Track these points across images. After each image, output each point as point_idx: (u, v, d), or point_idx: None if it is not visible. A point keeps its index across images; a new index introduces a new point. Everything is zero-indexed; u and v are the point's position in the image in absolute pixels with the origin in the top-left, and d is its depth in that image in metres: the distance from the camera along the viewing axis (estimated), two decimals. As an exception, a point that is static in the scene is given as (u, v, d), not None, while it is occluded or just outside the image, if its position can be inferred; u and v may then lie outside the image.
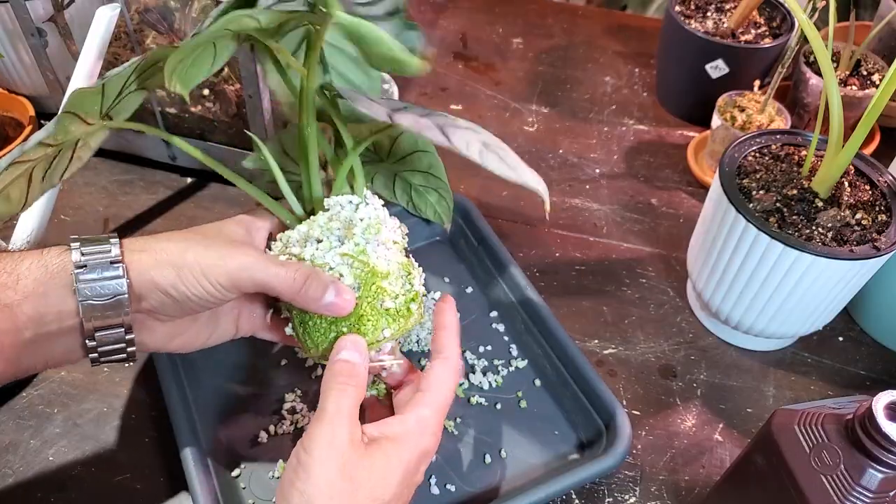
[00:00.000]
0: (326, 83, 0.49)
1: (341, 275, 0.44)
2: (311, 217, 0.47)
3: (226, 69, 0.70)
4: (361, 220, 0.46)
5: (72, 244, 0.41)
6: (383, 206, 0.49)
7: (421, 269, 0.49)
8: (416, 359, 0.61)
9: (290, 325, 0.48)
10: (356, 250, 0.45)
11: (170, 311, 0.43)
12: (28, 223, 0.58)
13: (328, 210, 0.47)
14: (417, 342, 0.61)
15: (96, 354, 0.42)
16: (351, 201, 0.47)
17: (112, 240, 0.41)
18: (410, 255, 0.50)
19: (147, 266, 0.41)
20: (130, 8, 0.67)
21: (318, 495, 0.38)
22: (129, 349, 0.43)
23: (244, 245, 0.44)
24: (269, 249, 0.48)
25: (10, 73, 0.78)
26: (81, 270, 0.40)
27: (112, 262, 0.40)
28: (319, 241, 0.46)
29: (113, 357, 0.43)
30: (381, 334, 0.45)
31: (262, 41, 0.43)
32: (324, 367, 0.45)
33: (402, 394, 0.48)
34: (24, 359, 0.41)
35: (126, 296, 0.40)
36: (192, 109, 0.71)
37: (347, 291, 0.44)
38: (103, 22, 0.57)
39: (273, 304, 0.51)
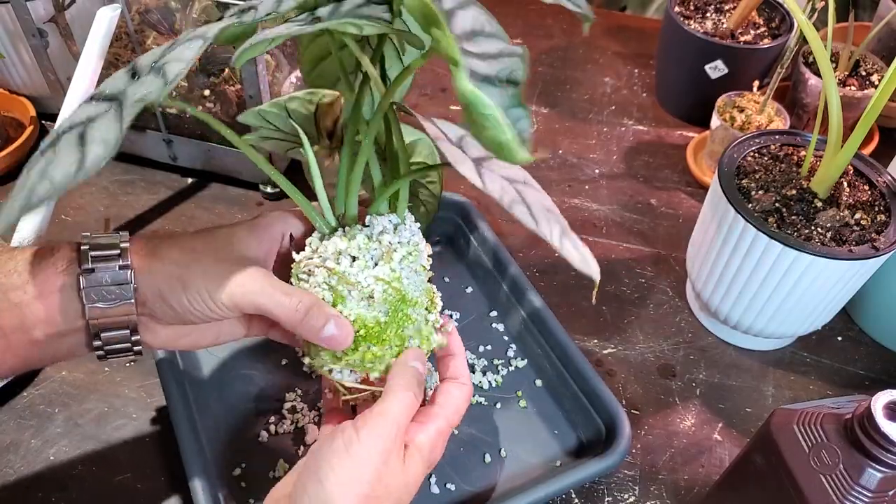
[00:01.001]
0: (399, 103, 0.47)
1: (371, 296, 0.44)
2: (346, 229, 0.46)
3: (227, 70, 0.71)
4: (401, 244, 0.45)
5: (81, 245, 0.41)
6: (419, 228, 0.48)
7: (440, 293, 0.49)
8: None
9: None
10: (392, 276, 0.44)
11: (172, 319, 0.43)
12: (28, 223, 0.58)
13: (367, 227, 0.46)
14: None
15: (102, 352, 0.42)
16: (391, 221, 0.46)
17: (122, 243, 0.41)
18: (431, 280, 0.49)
19: (153, 274, 0.41)
20: (131, 9, 0.67)
21: (356, 488, 0.38)
22: (134, 347, 0.43)
23: (252, 264, 0.43)
24: (296, 253, 0.46)
25: (11, 73, 0.78)
26: (89, 273, 0.40)
27: (120, 267, 0.40)
28: (354, 259, 0.45)
29: (119, 354, 0.43)
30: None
31: (354, 51, 0.42)
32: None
33: None
34: (33, 355, 0.41)
35: (132, 300, 0.40)
36: (193, 110, 0.71)
37: (347, 326, 0.43)
38: (104, 23, 0.57)
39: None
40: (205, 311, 0.42)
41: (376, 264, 0.44)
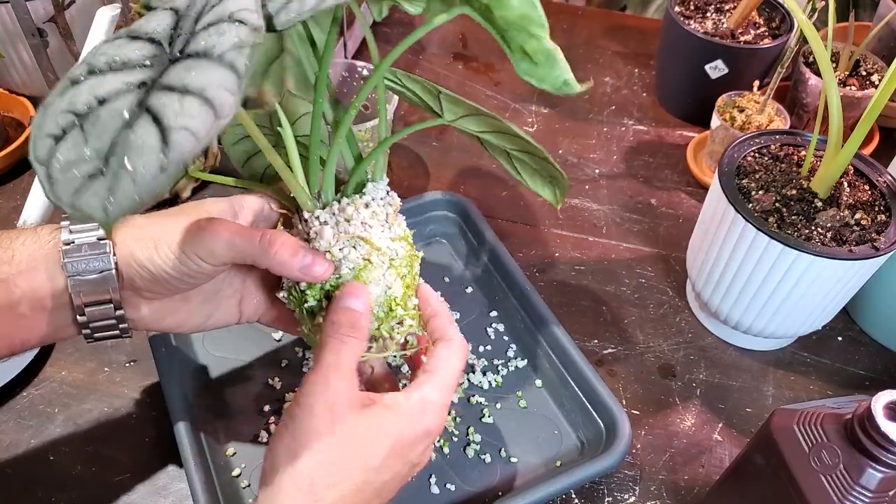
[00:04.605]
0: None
1: (393, 257, 0.44)
2: (345, 200, 0.45)
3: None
4: (401, 204, 0.47)
5: (62, 222, 0.42)
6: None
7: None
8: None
9: (300, 312, 0.46)
10: (405, 234, 0.45)
11: (150, 286, 0.43)
12: (33, 212, 0.58)
13: (364, 195, 0.45)
14: None
15: (88, 330, 0.43)
16: (383, 187, 0.47)
17: None
18: None
19: (129, 241, 0.42)
20: (131, 8, 0.67)
21: (304, 447, 0.37)
22: (120, 325, 0.44)
23: (220, 217, 0.44)
24: (285, 228, 0.46)
25: (11, 73, 0.78)
26: (69, 247, 0.41)
27: (99, 239, 0.42)
28: (366, 224, 0.44)
29: (106, 333, 0.44)
30: (411, 311, 0.45)
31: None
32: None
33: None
34: (19, 334, 0.42)
35: (112, 271, 0.41)
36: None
37: (321, 256, 0.42)
38: (104, 22, 0.57)
39: (280, 285, 0.48)
40: (177, 266, 0.42)
41: (384, 228, 0.45)
